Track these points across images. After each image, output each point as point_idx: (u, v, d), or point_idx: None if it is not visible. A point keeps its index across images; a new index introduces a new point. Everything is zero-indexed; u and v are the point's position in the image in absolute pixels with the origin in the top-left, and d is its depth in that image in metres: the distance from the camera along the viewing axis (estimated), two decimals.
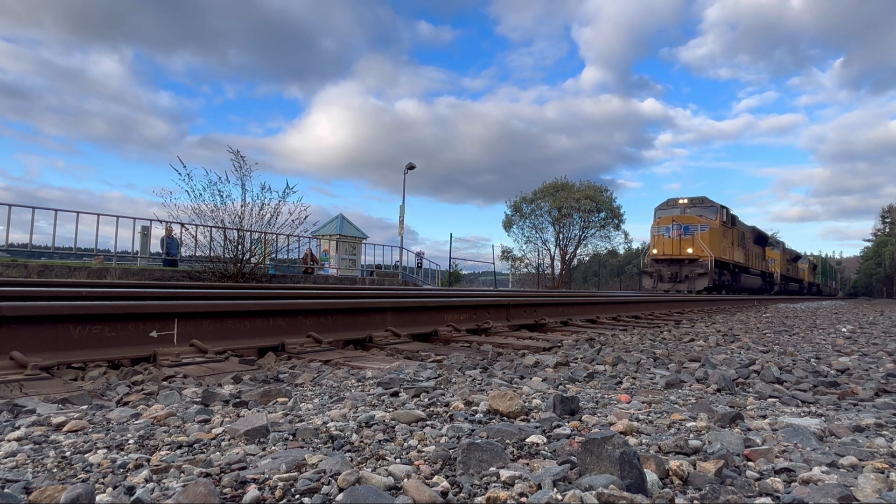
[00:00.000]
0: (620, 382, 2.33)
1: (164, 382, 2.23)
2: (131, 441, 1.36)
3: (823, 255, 61.74)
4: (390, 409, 1.69)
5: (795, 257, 40.57)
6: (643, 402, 1.90)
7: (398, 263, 23.50)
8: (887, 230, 72.22)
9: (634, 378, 2.45)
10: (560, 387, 2.19)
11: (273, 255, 14.20)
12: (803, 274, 42.84)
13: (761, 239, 30.38)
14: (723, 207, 22.99)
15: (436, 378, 2.29)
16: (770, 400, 2.05)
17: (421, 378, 2.29)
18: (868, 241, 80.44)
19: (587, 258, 44.75)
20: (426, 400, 1.85)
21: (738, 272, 24.62)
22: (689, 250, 21.41)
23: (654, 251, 22.71)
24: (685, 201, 23.03)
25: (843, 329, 6.14)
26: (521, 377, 2.41)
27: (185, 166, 11.84)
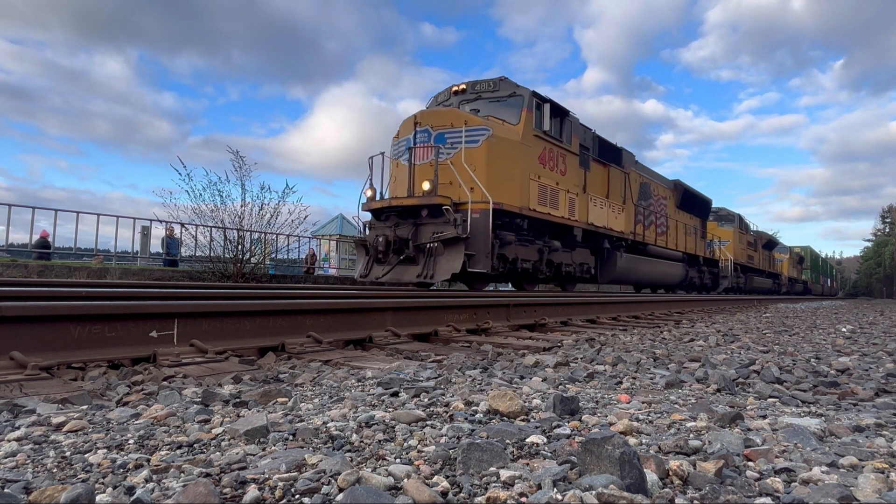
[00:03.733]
0: (620, 382, 2.33)
1: (164, 382, 2.23)
2: (131, 441, 1.36)
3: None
4: (390, 409, 1.69)
5: (768, 243, 30.39)
6: (643, 402, 1.90)
7: None
8: (887, 230, 72.23)
9: (634, 378, 2.45)
10: (560, 387, 2.19)
11: (273, 255, 14.20)
12: (781, 266, 33.58)
13: (695, 204, 18.68)
14: (544, 101, 10.22)
15: (436, 378, 2.28)
16: (770, 400, 2.05)
17: (421, 378, 2.29)
18: (868, 241, 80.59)
19: None
20: (426, 400, 1.85)
21: (615, 248, 13.07)
22: (426, 186, 8.82)
23: (368, 194, 9.97)
24: (462, 87, 10.51)
25: (843, 329, 6.14)
26: (521, 377, 2.41)
27: (185, 166, 11.85)
